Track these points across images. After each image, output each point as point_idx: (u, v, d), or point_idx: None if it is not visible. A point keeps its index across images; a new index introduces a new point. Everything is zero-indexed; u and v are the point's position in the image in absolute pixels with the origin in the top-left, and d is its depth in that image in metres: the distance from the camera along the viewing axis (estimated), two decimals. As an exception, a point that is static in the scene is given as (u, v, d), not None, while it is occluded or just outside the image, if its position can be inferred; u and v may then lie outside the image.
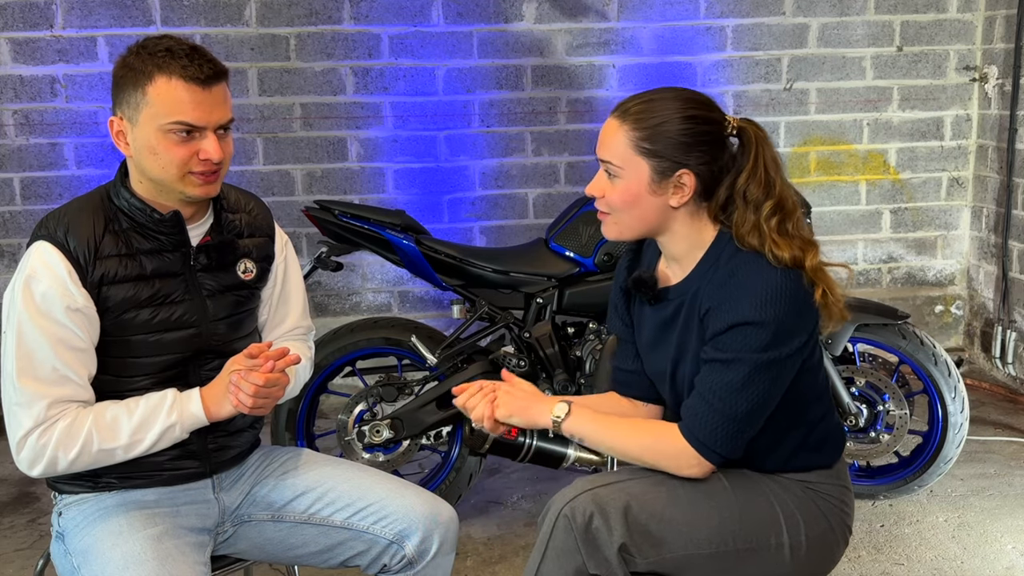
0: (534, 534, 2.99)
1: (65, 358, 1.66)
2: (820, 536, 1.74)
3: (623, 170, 1.66)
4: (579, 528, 1.62)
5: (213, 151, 1.68)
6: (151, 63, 1.65)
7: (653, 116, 1.64)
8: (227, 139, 1.74)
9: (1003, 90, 4.29)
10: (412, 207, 4.26)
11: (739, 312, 1.59)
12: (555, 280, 3.02)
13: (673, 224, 1.70)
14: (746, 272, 1.62)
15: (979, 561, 2.80)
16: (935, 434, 3.07)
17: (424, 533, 1.83)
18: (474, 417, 1.82)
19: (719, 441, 1.63)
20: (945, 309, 4.67)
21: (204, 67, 1.66)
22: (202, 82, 1.66)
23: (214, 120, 1.68)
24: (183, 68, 1.64)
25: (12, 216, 4.20)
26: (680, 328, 1.73)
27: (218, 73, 1.69)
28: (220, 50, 4.11)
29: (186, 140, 1.67)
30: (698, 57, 4.33)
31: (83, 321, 1.68)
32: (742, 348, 1.60)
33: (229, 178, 1.92)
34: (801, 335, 1.63)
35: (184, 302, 1.77)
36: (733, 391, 1.60)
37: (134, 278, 1.72)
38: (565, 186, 4.39)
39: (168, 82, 1.64)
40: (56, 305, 1.65)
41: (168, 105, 1.64)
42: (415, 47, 4.21)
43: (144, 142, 1.67)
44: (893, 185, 4.54)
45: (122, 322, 1.72)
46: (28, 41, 4.05)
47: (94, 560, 1.67)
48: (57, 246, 1.67)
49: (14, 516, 3.25)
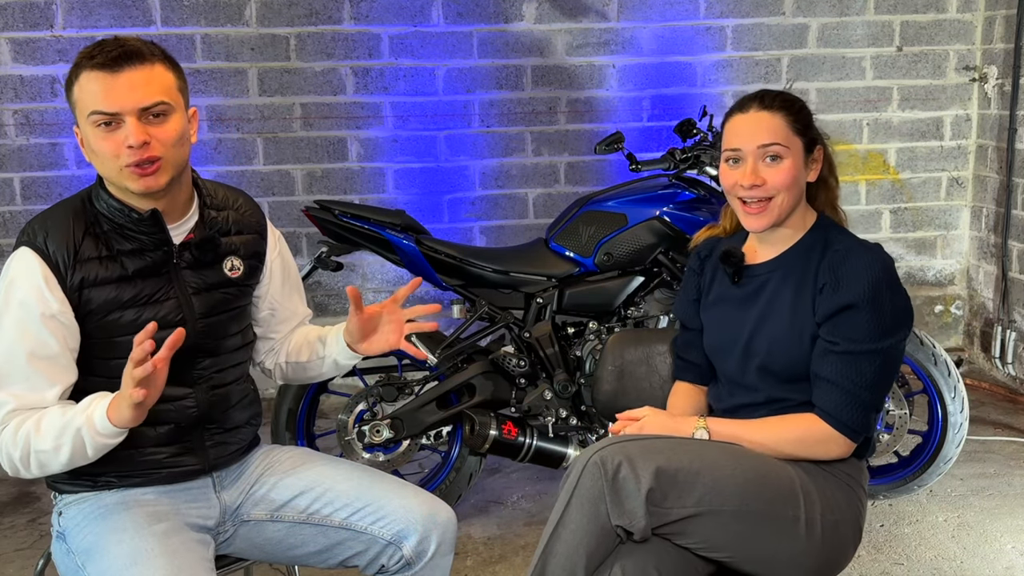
0: (534, 534, 3.01)
1: (37, 366, 1.66)
2: (833, 525, 1.78)
3: (788, 149, 1.81)
4: (608, 476, 1.65)
5: (131, 135, 1.63)
6: (77, 64, 1.66)
7: (792, 103, 1.84)
8: (162, 125, 1.67)
9: (1003, 90, 4.29)
10: (412, 207, 4.26)
11: (861, 292, 1.74)
12: (555, 280, 3.02)
13: (799, 203, 1.87)
14: (861, 257, 1.78)
15: (979, 561, 2.80)
16: (935, 434, 3.07)
17: (422, 534, 1.82)
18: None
19: (863, 425, 1.78)
20: (945, 309, 4.68)
21: (112, 52, 1.63)
22: (107, 67, 1.62)
23: (129, 104, 1.63)
24: (92, 58, 1.63)
25: (12, 216, 4.20)
26: (763, 304, 1.87)
27: (128, 55, 1.64)
28: (220, 50, 4.12)
29: (110, 131, 1.65)
30: (698, 57, 4.33)
31: (58, 328, 1.67)
32: (869, 336, 1.74)
33: (229, 178, 1.92)
34: (908, 324, 1.80)
35: (168, 300, 1.76)
36: (870, 381, 1.76)
37: (115, 279, 1.71)
38: (565, 186, 4.39)
39: (84, 75, 1.64)
40: (32, 312, 1.65)
41: (85, 98, 1.65)
42: (415, 47, 4.21)
43: (87, 144, 1.69)
44: (893, 185, 4.55)
45: (106, 324, 1.71)
46: (28, 41, 4.06)
47: (99, 558, 1.66)
48: (37, 251, 1.67)
49: (14, 516, 3.25)
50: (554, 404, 2.99)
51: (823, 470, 1.83)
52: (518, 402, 3.01)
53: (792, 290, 1.83)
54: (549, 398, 2.99)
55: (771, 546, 1.74)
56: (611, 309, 3.03)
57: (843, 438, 1.79)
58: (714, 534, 1.70)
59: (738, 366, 1.90)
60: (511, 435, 2.83)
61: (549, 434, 2.94)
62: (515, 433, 2.84)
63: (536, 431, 2.90)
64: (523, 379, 3.01)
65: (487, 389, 2.96)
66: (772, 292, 1.86)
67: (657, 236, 2.97)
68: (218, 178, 4.21)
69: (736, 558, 1.74)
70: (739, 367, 1.90)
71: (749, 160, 1.81)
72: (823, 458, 1.81)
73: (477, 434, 2.81)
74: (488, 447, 2.83)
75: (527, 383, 3.01)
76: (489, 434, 2.81)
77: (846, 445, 1.80)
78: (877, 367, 1.76)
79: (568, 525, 1.67)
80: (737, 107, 1.86)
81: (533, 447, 2.87)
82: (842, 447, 1.80)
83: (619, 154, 3.10)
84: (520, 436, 2.85)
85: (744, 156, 1.81)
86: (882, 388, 1.78)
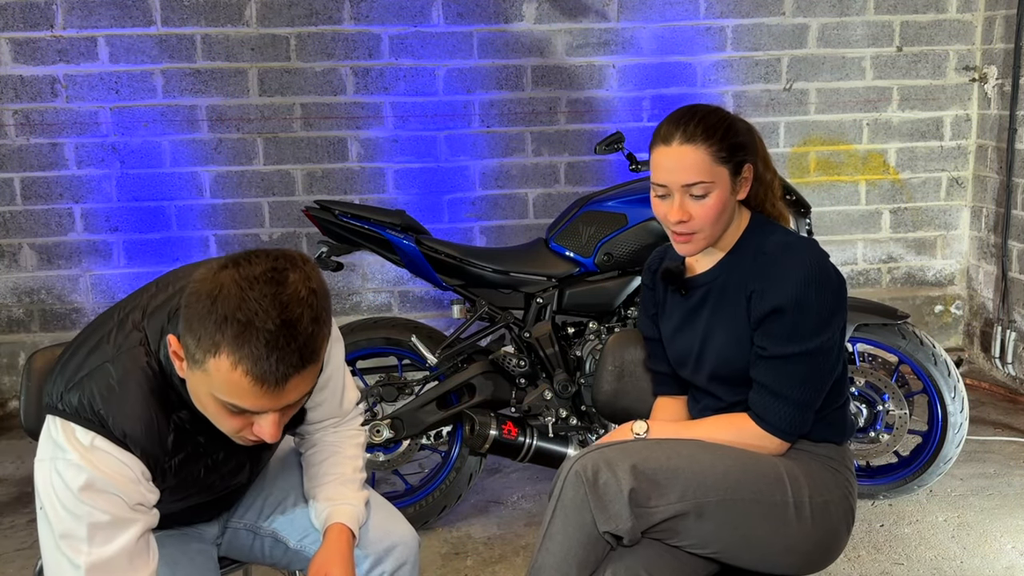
0: (534, 534, 3.01)
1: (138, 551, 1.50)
2: (823, 506, 1.79)
3: (713, 184, 1.78)
4: (588, 482, 1.66)
5: (267, 433, 1.41)
6: (220, 331, 1.31)
7: (716, 129, 1.79)
8: (294, 409, 1.46)
9: (1003, 90, 4.29)
10: (412, 207, 4.26)
11: (786, 295, 1.75)
12: (555, 280, 3.02)
13: (730, 222, 1.87)
14: (787, 258, 1.79)
15: (979, 561, 2.80)
16: (935, 434, 3.07)
17: (374, 561, 1.75)
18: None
19: (795, 425, 1.80)
20: (945, 309, 4.68)
21: (280, 367, 1.32)
22: (272, 385, 1.34)
23: (280, 406, 1.39)
24: (255, 362, 1.31)
25: (12, 216, 4.20)
26: (708, 314, 1.89)
27: (296, 369, 1.34)
28: (220, 50, 4.12)
29: (244, 417, 1.41)
30: (698, 57, 4.33)
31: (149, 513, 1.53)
32: (794, 338, 1.75)
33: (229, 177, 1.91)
34: (841, 315, 1.80)
35: (238, 459, 1.65)
36: (799, 382, 1.78)
37: (196, 457, 1.57)
38: (565, 186, 4.40)
39: (233, 368, 1.31)
40: (123, 507, 1.46)
41: (226, 387, 1.34)
42: (415, 47, 4.21)
43: (196, 394, 1.42)
44: (893, 185, 4.55)
45: (174, 486, 1.58)
46: (28, 41, 4.06)
47: None
48: (119, 444, 1.44)
49: (14, 516, 3.25)
50: (554, 404, 2.99)
51: (805, 452, 1.84)
52: (518, 402, 3.01)
53: (730, 299, 1.86)
54: (549, 398, 2.99)
55: (763, 534, 1.74)
56: (611, 309, 3.03)
57: (775, 440, 1.81)
58: (704, 529, 1.70)
59: (694, 375, 1.93)
60: (511, 435, 2.84)
61: (549, 434, 2.94)
62: (515, 433, 2.85)
63: (536, 431, 2.90)
64: (523, 379, 3.01)
65: (487, 389, 2.97)
66: (714, 302, 1.89)
67: (657, 236, 2.97)
68: (218, 178, 4.23)
69: (730, 552, 1.74)
70: (695, 376, 1.93)
71: (676, 196, 1.79)
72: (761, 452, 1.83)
73: (477, 434, 2.81)
74: (488, 447, 2.83)
75: (527, 383, 3.01)
76: (489, 434, 2.81)
77: (779, 445, 1.82)
78: (807, 367, 1.77)
79: (555, 537, 1.67)
80: (661, 137, 1.81)
81: (533, 447, 2.87)
82: (775, 445, 1.82)
83: (619, 154, 3.10)
84: (520, 436, 2.86)
85: (671, 192, 1.80)
86: (815, 385, 1.80)
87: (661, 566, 1.69)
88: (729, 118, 1.83)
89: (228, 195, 4.19)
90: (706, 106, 1.85)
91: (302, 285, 1.35)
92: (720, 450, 1.78)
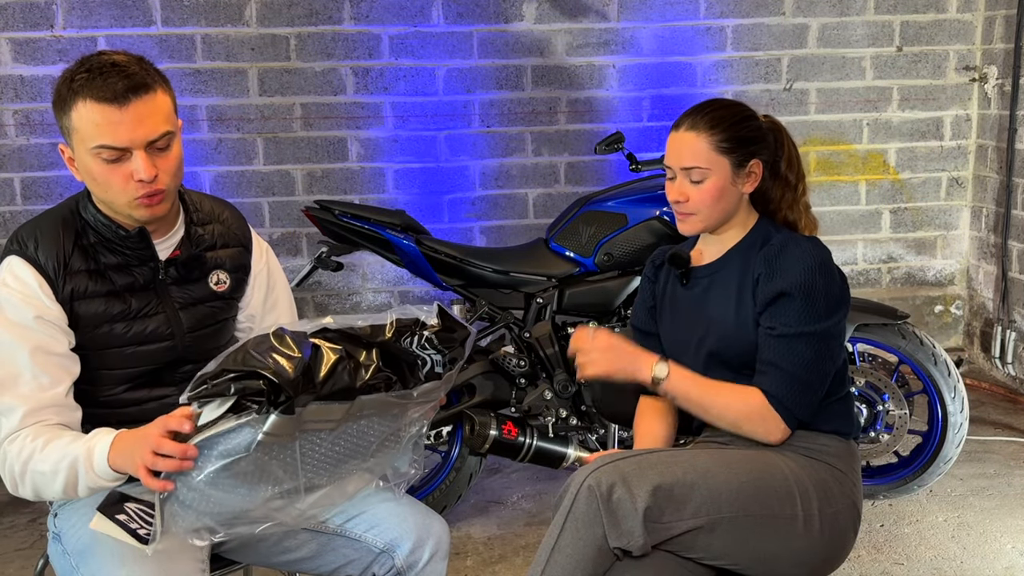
0: (534, 534, 3.00)
1: (42, 364, 1.66)
2: (832, 518, 1.80)
3: (710, 171, 1.89)
4: (602, 497, 1.65)
5: (142, 170, 1.62)
6: (70, 88, 1.60)
7: (722, 120, 1.89)
8: (166, 155, 1.67)
9: (1003, 90, 4.29)
10: (412, 207, 4.26)
11: (793, 280, 1.81)
12: (555, 280, 3.02)
13: (733, 212, 1.95)
14: (793, 248, 1.86)
15: (979, 561, 2.80)
16: (935, 434, 3.07)
17: (415, 543, 1.81)
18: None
19: (802, 408, 1.83)
20: (945, 309, 4.68)
21: (117, 84, 1.58)
22: (114, 100, 1.58)
23: (138, 138, 1.61)
24: (95, 89, 1.58)
25: (12, 216, 4.20)
26: (711, 301, 1.94)
27: (135, 87, 1.60)
28: (220, 50, 4.12)
29: (117, 163, 1.62)
30: (698, 57, 4.33)
31: (56, 330, 1.68)
32: (804, 319, 1.81)
33: (229, 177, 1.92)
34: (846, 306, 1.87)
35: (156, 315, 1.77)
36: (806, 363, 1.81)
37: (104, 294, 1.72)
38: (565, 186, 4.39)
39: (84, 105, 1.59)
40: (28, 315, 1.65)
41: (88, 129, 1.60)
42: (415, 47, 4.21)
43: (85, 169, 1.66)
44: (893, 185, 4.55)
45: (95, 336, 1.72)
46: (28, 41, 4.06)
47: (92, 559, 1.66)
48: (28, 261, 1.67)
49: (14, 516, 3.25)
50: (554, 404, 2.99)
51: (813, 460, 1.84)
52: (518, 402, 3.01)
53: (735, 285, 1.91)
54: (549, 398, 2.99)
55: (773, 547, 1.75)
56: (611, 309, 3.03)
57: (780, 421, 1.82)
58: (714, 544, 1.70)
59: (694, 361, 1.94)
60: (511, 435, 2.83)
61: (549, 434, 2.94)
62: (515, 433, 2.84)
63: (536, 431, 2.88)
64: (523, 379, 3.01)
65: (487, 389, 2.96)
66: (718, 290, 1.94)
67: (657, 236, 2.97)
68: (218, 178, 4.23)
69: (739, 564, 1.74)
70: (695, 362, 1.94)
71: (678, 178, 1.92)
72: (756, 438, 1.84)
73: (477, 434, 2.80)
74: (488, 447, 2.82)
75: (527, 383, 3.01)
76: (489, 434, 2.80)
77: (781, 430, 1.84)
78: (814, 349, 1.81)
79: (564, 550, 1.67)
80: (675, 123, 1.94)
81: (533, 447, 2.86)
82: (778, 432, 1.83)
83: (619, 154, 3.10)
84: (520, 436, 2.85)
85: (674, 173, 1.93)
86: (821, 369, 1.83)
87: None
88: (744, 113, 1.92)
89: (228, 195, 4.19)
90: (726, 100, 1.96)
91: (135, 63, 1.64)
92: (735, 464, 1.77)
